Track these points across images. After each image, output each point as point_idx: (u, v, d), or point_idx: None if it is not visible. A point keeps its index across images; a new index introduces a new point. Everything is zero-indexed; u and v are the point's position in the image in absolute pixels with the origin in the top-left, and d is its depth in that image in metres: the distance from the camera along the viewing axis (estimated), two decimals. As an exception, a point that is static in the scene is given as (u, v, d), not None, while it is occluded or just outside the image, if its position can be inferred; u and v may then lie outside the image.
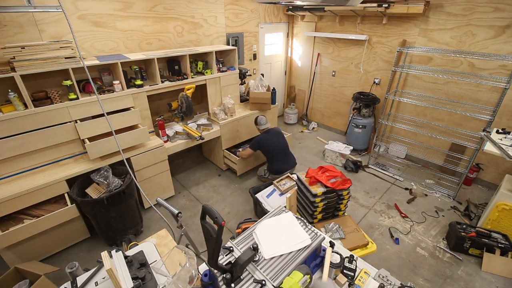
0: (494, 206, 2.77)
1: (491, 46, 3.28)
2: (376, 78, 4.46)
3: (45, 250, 2.63)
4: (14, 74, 2.21)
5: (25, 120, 2.36)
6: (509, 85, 2.92)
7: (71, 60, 2.46)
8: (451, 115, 3.83)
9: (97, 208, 2.52)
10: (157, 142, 3.14)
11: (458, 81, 3.62)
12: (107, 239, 2.81)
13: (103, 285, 1.34)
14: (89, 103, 2.67)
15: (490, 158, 3.64)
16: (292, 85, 5.95)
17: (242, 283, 1.21)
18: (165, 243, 1.78)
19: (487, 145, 2.75)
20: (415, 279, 2.51)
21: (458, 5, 3.37)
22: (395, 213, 3.31)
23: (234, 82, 3.99)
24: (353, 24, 4.47)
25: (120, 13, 3.10)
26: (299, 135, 5.42)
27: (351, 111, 4.75)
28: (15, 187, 2.34)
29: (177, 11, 3.58)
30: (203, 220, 1.17)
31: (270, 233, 1.47)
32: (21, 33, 2.57)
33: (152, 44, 3.50)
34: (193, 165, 4.33)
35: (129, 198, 2.72)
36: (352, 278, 1.43)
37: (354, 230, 2.35)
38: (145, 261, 1.45)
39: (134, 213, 2.87)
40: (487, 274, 2.55)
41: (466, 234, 2.69)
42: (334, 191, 2.45)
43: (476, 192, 3.70)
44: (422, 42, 3.81)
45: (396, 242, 2.90)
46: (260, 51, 5.07)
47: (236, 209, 3.37)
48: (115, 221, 2.66)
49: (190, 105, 3.38)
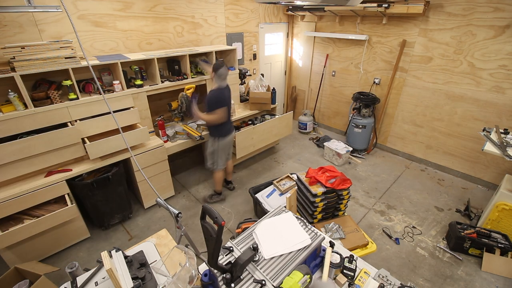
0: (494, 206, 2.77)
1: (491, 46, 3.28)
2: (376, 78, 4.47)
3: (45, 250, 2.63)
4: (14, 74, 2.21)
5: (25, 120, 2.36)
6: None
7: (71, 60, 2.46)
8: (451, 115, 3.83)
9: (85, 190, 2.68)
10: (157, 142, 3.14)
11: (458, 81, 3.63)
12: (95, 221, 2.99)
13: (103, 285, 1.34)
14: (89, 103, 2.67)
15: (491, 158, 3.64)
16: (293, 85, 5.95)
17: (242, 283, 1.21)
18: (165, 243, 1.78)
19: (486, 145, 2.75)
20: (415, 279, 2.51)
21: (458, 5, 3.37)
22: (395, 213, 3.31)
23: (234, 82, 3.99)
24: (353, 24, 4.47)
25: (120, 13, 3.10)
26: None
27: (351, 111, 4.75)
28: (16, 188, 2.34)
29: (177, 11, 3.58)
30: (203, 220, 1.18)
31: (270, 233, 1.47)
32: (21, 33, 2.56)
33: (152, 44, 3.50)
34: (193, 165, 4.33)
35: (117, 185, 2.91)
36: (352, 278, 1.43)
37: (354, 230, 2.35)
38: (145, 261, 1.45)
39: (122, 199, 3.02)
40: (487, 274, 2.55)
41: (466, 234, 2.69)
42: (334, 191, 2.45)
43: (476, 192, 3.71)
44: (422, 42, 3.81)
45: (396, 242, 2.90)
46: (260, 51, 5.07)
47: (236, 209, 3.37)
48: (101, 204, 2.85)
49: (190, 105, 3.37)
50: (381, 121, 4.63)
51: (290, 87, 5.99)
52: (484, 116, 3.56)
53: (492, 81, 3.38)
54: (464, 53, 3.50)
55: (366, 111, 4.41)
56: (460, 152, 3.92)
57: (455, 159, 4.00)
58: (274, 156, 4.59)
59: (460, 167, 3.98)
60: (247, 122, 4.20)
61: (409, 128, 4.36)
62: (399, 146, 4.58)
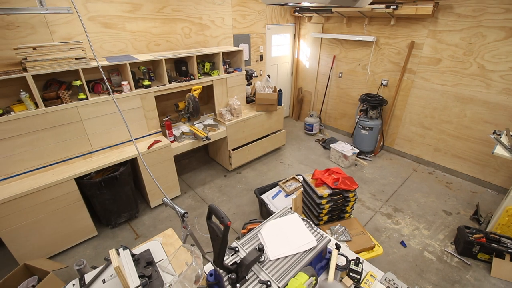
0: (504, 210, 2.72)
1: (502, 47, 3.22)
2: (384, 79, 4.43)
3: (53, 248, 2.67)
4: (26, 74, 2.26)
5: (36, 119, 2.41)
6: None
7: (81, 61, 2.51)
8: (460, 117, 3.77)
9: (93, 189, 2.72)
10: (163, 142, 3.17)
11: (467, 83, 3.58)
12: (103, 219, 3.03)
13: (111, 283, 1.36)
14: (98, 103, 2.72)
15: (501, 161, 3.57)
16: (299, 87, 5.93)
17: (248, 284, 1.21)
18: (171, 242, 1.79)
19: (497, 148, 2.70)
20: (422, 283, 2.48)
21: (468, 6, 3.33)
22: (402, 216, 3.27)
23: (240, 83, 4.01)
24: (361, 26, 4.45)
25: (129, 14, 3.14)
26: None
27: (358, 112, 4.72)
28: (25, 185, 2.38)
29: (185, 13, 3.61)
30: (209, 220, 1.18)
31: (275, 234, 1.47)
32: (33, 34, 2.62)
33: (160, 45, 3.53)
34: (199, 165, 4.36)
35: (124, 185, 2.94)
36: (358, 281, 1.42)
37: (360, 233, 2.33)
38: (152, 260, 1.46)
39: (129, 199, 3.05)
40: (496, 279, 2.50)
41: (475, 238, 2.64)
42: (340, 192, 2.43)
43: (486, 196, 3.64)
44: (431, 44, 3.76)
45: (403, 245, 2.86)
46: (267, 52, 5.08)
47: (241, 210, 3.38)
48: (109, 203, 2.90)
49: (197, 106, 3.40)
50: (389, 123, 4.58)
51: (296, 88, 5.98)
52: (494, 118, 3.49)
53: (503, 83, 3.32)
54: (474, 55, 3.44)
55: (373, 113, 4.37)
56: (469, 155, 3.85)
57: (464, 162, 3.93)
58: (280, 157, 4.58)
59: (469, 170, 3.91)
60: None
61: (417, 130, 4.30)
62: (407, 148, 4.53)
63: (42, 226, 2.50)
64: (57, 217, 2.57)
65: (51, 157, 2.63)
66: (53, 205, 2.52)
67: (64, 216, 2.61)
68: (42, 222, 2.49)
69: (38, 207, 2.44)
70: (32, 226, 2.44)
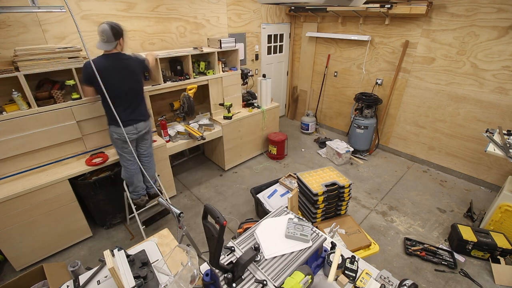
0: (497, 207, 2.76)
1: (494, 47, 3.26)
2: (379, 78, 4.46)
3: (47, 249, 2.64)
4: (18, 74, 2.23)
5: (29, 119, 2.38)
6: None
7: (75, 60, 2.48)
8: (454, 116, 3.81)
9: (87, 190, 2.70)
10: (159, 141, 3.15)
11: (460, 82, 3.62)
12: (97, 220, 3.03)
13: (105, 284, 1.34)
14: (93, 103, 2.68)
15: (494, 159, 3.62)
16: (294, 86, 5.94)
17: (244, 283, 1.21)
18: (166, 243, 1.78)
19: (489, 146, 2.74)
20: (417, 280, 2.50)
21: (461, 5, 3.36)
22: (397, 214, 3.30)
23: (236, 83, 4.00)
24: (356, 25, 4.47)
25: (123, 13, 3.11)
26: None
27: (353, 111, 4.74)
28: (18, 186, 2.35)
29: (179, 12, 3.59)
30: (205, 219, 1.18)
31: (271, 233, 1.47)
32: (25, 33, 2.58)
33: (154, 44, 3.51)
34: (194, 165, 4.34)
35: (119, 185, 2.86)
36: (353, 279, 1.42)
37: (356, 231, 2.35)
38: (147, 260, 1.46)
39: (124, 200, 3.00)
40: (488, 276, 2.54)
41: (413, 251, 2.74)
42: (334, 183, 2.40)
43: (479, 194, 3.69)
44: (424, 43, 3.80)
45: (398, 243, 2.88)
46: (262, 51, 5.07)
47: (237, 210, 3.38)
48: (104, 204, 2.88)
49: (192, 105, 3.38)
50: (383, 122, 4.62)
51: (291, 87, 5.99)
52: (487, 117, 3.54)
53: (495, 82, 3.36)
54: (467, 54, 3.48)
55: (368, 111, 4.40)
56: (462, 153, 3.90)
57: (457, 160, 3.98)
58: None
59: (463, 168, 3.96)
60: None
61: (411, 129, 4.34)
62: (401, 147, 4.57)
63: (36, 228, 2.47)
64: (51, 218, 2.54)
65: (45, 158, 2.59)
66: (47, 206, 2.49)
67: (58, 217, 2.58)
68: (36, 224, 2.46)
69: (31, 209, 2.41)
70: (26, 227, 2.41)
